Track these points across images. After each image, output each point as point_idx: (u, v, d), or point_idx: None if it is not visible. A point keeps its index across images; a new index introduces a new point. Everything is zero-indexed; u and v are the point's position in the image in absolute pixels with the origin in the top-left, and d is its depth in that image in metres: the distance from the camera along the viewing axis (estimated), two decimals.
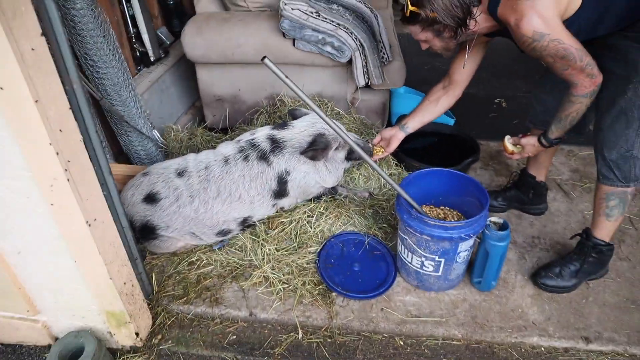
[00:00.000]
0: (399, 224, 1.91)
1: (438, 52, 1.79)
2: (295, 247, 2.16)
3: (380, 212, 2.34)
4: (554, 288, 1.97)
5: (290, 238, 2.20)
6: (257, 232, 2.20)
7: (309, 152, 2.09)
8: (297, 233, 2.21)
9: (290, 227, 2.22)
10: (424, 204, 2.11)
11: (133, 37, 2.77)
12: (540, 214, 2.38)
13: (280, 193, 2.16)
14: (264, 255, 2.10)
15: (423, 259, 1.86)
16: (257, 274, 2.04)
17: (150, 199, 2.05)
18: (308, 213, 2.27)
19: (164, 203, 2.03)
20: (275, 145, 2.12)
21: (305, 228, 2.22)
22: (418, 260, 1.88)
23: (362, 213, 2.31)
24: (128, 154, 2.66)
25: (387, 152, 2.31)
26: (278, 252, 2.13)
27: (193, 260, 2.13)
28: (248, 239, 2.18)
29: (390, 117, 3.11)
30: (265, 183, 2.11)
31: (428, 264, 1.87)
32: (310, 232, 2.21)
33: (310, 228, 2.22)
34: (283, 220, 2.24)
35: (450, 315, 1.89)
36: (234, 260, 2.12)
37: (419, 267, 1.90)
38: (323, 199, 2.33)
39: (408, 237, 1.87)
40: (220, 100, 3.00)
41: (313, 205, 2.30)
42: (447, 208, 2.11)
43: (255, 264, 2.09)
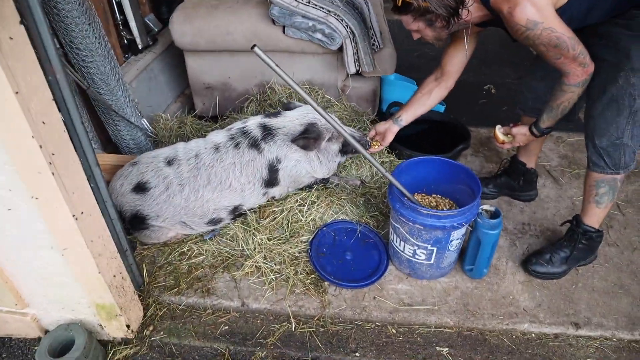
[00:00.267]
0: (391, 213, 1.91)
1: (430, 42, 1.77)
2: (287, 236, 2.16)
3: (372, 200, 2.33)
4: (545, 275, 1.98)
5: (282, 227, 2.19)
6: (248, 221, 2.19)
7: (300, 140, 2.07)
8: (288, 222, 2.20)
9: (282, 216, 2.21)
10: (416, 192, 2.10)
11: (120, 24, 2.72)
12: (530, 201, 2.39)
13: (271, 182, 2.14)
14: (256, 245, 2.09)
15: (415, 248, 1.86)
16: (248, 264, 2.03)
17: (140, 189, 2.02)
18: (299, 202, 2.26)
19: (154, 192, 2.01)
20: (267, 133, 2.10)
21: (297, 217, 2.21)
22: (410, 249, 1.88)
23: (354, 201, 2.30)
24: (117, 144, 2.62)
25: (382, 145, 2.29)
26: (270, 241, 2.12)
27: (184, 251, 2.12)
28: (239, 229, 2.16)
29: (381, 104, 3.09)
30: (256, 171, 2.10)
31: (420, 253, 1.87)
32: (302, 221, 2.20)
33: (302, 217, 2.21)
34: (274, 210, 2.23)
35: (443, 303, 1.90)
36: (226, 250, 2.11)
37: (411, 255, 1.90)
38: (315, 188, 2.32)
39: (400, 226, 1.86)
40: (210, 88, 2.96)
41: (304, 194, 2.29)
42: (439, 196, 2.10)
43: (247, 254, 2.08)
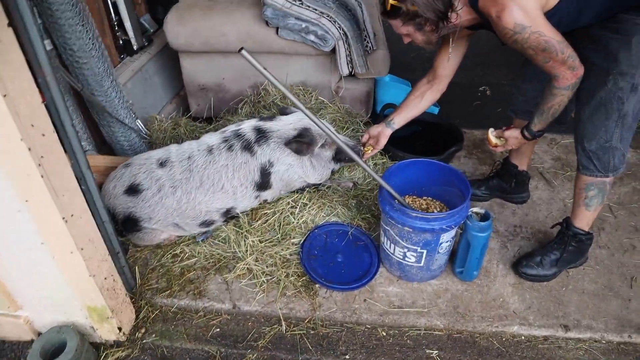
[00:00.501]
0: (382, 216, 1.92)
1: (420, 45, 1.77)
2: (279, 238, 2.16)
3: (364, 202, 2.34)
4: (535, 277, 1.99)
5: (274, 229, 2.20)
6: (240, 223, 2.20)
7: (293, 143, 2.08)
8: (280, 224, 2.21)
9: (274, 218, 2.22)
10: (407, 195, 2.11)
11: (115, 25, 2.72)
12: (523, 203, 2.40)
13: (263, 185, 2.15)
14: (248, 247, 2.10)
15: (405, 250, 1.87)
16: (240, 266, 2.04)
17: (133, 191, 2.03)
18: (291, 204, 2.27)
19: (147, 194, 2.02)
20: (261, 136, 2.11)
21: (289, 219, 2.22)
22: (400, 251, 1.89)
23: (345, 203, 2.31)
24: (111, 145, 2.62)
25: (376, 149, 2.29)
26: (262, 243, 2.13)
27: (177, 253, 2.13)
28: (232, 231, 2.17)
29: (375, 105, 3.10)
30: (249, 174, 2.10)
31: (410, 255, 1.88)
32: (294, 223, 2.21)
33: (294, 219, 2.22)
34: (266, 212, 2.24)
35: (433, 306, 1.91)
36: (218, 252, 2.12)
37: (402, 258, 1.91)
38: (306, 190, 2.32)
39: (390, 228, 1.87)
40: (205, 90, 2.97)
41: (296, 196, 2.29)
42: (430, 198, 2.11)
43: (239, 256, 2.09)
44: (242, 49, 1.42)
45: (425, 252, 1.85)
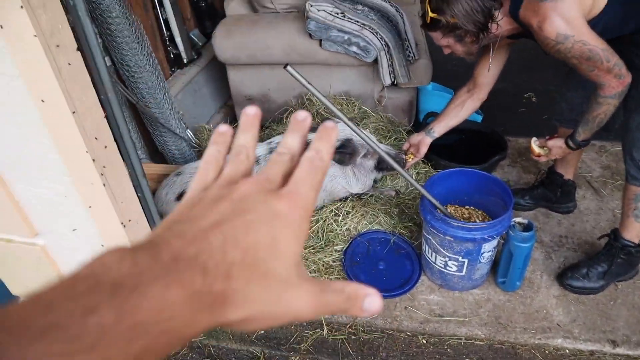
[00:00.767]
0: (423, 224, 1.94)
1: (461, 56, 1.79)
2: (322, 245, 2.22)
3: (407, 210, 2.36)
4: (581, 289, 1.95)
5: (317, 236, 2.25)
6: None
7: (336, 154, 2.13)
8: (324, 231, 2.26)
9: (317, 225, 2.28)
10: (449, 204, 2.12)
11: (167, 39, 2.87)
12: (569, 213, 2.35)
13: None
14: None
15: (447, 259, 1.88)
16: None
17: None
18: (335, 212, 2.32)
19: None
20: (305, 147, 2.17)
21: (332, 226, 2.27)
22: (442, 260, 1.90)
23: (388, 212, 2.34)
24: (163, 154, 2.77)
25: (417, 157, 2.31)
26: (305, 250, 2.19)
27: None
28: None
29: (418, 114, 3.11)
30: None
31: (451, 264, 1.89)
32: (337, 230, 2.26)
33: (337, 226, 2.27)
34: (310, 219, 2.29)
35: (474, 315, 1.91)
36: None
37: (443, 266, 1.92)
38: (349, 198, 2.37)
39: (432, 237, 1.89)
40: (251, 100, 3.07)
41: (339, 204, 2.34)
42: (472, 208, 2.11)
43: None
44: (287, 65, 1.48)
45: (467, 261, 1.85)
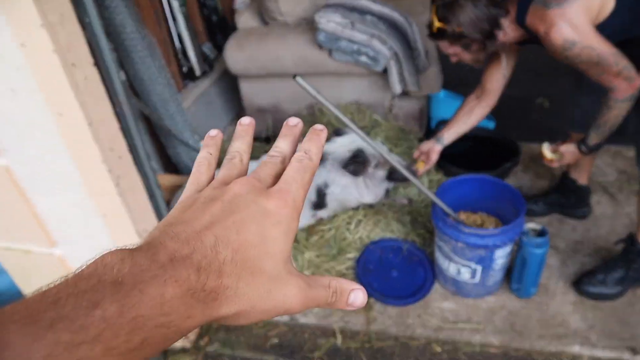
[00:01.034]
0: (436, 231, 1.93)
1: (468, 63, 1.80)
2: (335, 253, 2.22)
3: (419, 218, 2.35)
4: (598, 296, 1.92)
5: (330, 245, 2.26)
6: (297, 238, 2.28)
7: (350, 166, 2.12)
8: (336, 240, 2.27)
9: (330, 234, 2.28)
10: (462, 210, 2.11)
11: (179, 53, 2.93)
12: (583, 218, 2.32)
13: (319, 204, 2.21)
14: (305, 262, 2.17)
15: (459, 266, 1.87)
16: None
17: None
18: (347, 220, 2.32)
19: None
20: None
21: (345, 235, 2.28)
22: (455, 267, 1.90)
23: (400, 220, 2.34)
24: (176, 165, 2.80)
25: (428, 165, 2.31)
26: (318, 258, 2.20)
27: None
28: None
29: (430, 122, 3.11)
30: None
31: (465, 271, 1.88)
32: (349, 238, 2.26)
33: (350, 235, 2.27)
34: (323, 228, 2.31)
35: (488, 322, 1.89)
36: None
37: (456, 273, 1.91)
38: (361, 207, 2.37)
39: (444, 244, 1.88)
40: (262, 111, 3.11)
41: (352, 213, 2.35)
42: (485, 214, 2.10)
43: None
44: (296, 76, 1.50)
45: (480, 268, 1.84)
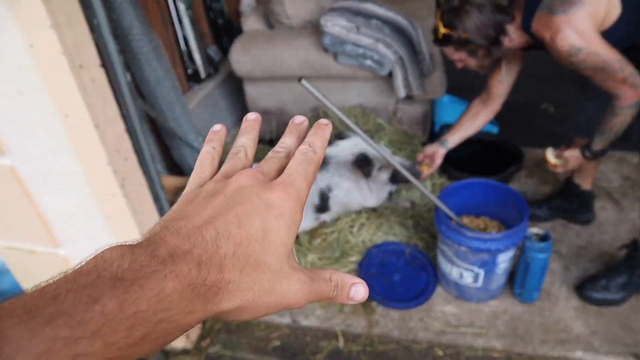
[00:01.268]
0: (438, 235, 1.94)
1: (474, 69, 1.80)
2: (337, 256, 2.23)
3: (422, 222, 2.36)
4: (601, 301, 1.92)
5: (332, 248, 2.27)
6: (300, 241, 2.28)
7: (362, 168, 2.11)
8: (339, 243, 2.27)
9: (333, 237, 2.29)
10: (465, 215, 2.11)
11: (185, 55, 2.94)
12: (587, 223, 2.32)
13: (322, 208, 2.22)
14: (307, 265, 2.18)
15: (462, 270, 1.88)
16: None
17: None
18: (350, 223, 2.33)
19: None
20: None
21: (347, 238, 2.28)
22: (457, 271, 1.90)
23: (403, 223, 2.34)
24: (180, 166, 2.82)
25: (432, 168, 2.31)
26: (320, 261, 2.20)
27: None
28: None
29: (434, 126, 3.12)
30: (309, 197, 2.18)
31: (467, 275, 1.88)
32: (352, 241, 2.27)
33: (352, 238, 2.28)
34: (325, 231, 2.31)
35: (491, 327, 1.89)
36: None
37: (458, 277, 1.91)
38: (364, 210, 2.37)
39: (447, 248, 1.88)
40: (267, 113, 3.12)
41: (355, 216, 2.35)
42: (488, 218, 2.10)
43: None
44: (301, 79, 1.51)
45: (483, 272, 1.84)
